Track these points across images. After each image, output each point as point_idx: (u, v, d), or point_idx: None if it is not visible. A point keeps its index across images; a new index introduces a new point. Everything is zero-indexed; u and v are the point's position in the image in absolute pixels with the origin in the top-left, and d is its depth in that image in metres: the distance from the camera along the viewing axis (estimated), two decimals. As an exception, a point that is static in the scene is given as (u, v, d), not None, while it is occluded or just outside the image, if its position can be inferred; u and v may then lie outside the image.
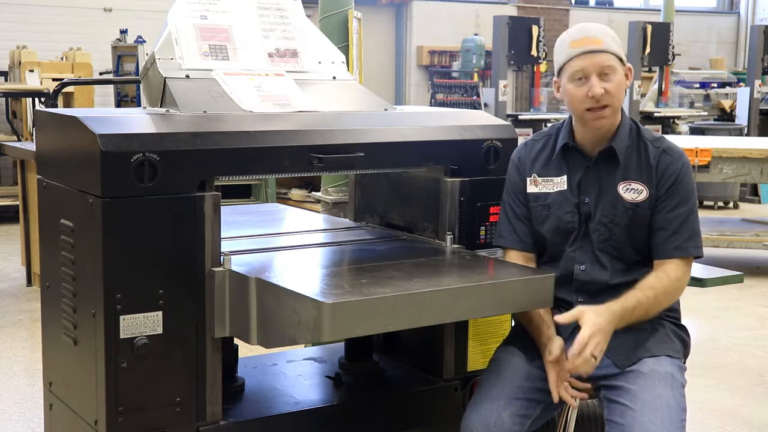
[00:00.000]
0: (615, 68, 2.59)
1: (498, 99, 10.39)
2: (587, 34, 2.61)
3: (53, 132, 2.68)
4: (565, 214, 2.69)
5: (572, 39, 2.62)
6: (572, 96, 2.62)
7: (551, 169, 2.73)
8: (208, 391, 2.47)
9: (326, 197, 4.50)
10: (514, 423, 2.55)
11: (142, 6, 12.46)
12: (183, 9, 2.85)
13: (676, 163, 2.64)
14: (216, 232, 2.43)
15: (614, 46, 2.61)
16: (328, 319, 2.14)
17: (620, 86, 2.60)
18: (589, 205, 2.67)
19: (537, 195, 2.74)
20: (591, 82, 2.57)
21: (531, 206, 2.74)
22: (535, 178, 2.74)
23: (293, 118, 2.72)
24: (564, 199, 2.69)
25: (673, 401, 2.49)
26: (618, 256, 2.66)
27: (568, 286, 2.69)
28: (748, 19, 19.25)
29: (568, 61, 2.61)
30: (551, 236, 2.72)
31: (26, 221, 6.63)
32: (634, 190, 2.64)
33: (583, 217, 2.68)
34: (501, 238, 2.80)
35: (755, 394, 4.72)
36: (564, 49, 2.63)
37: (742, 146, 7.14)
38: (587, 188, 2.68)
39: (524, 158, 2.78)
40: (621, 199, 2.64)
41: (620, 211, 2.63)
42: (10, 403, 4.40)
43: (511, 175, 2.80)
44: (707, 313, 6.23)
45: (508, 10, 15.42)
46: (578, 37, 2.61)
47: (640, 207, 2.63)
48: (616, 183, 2.65)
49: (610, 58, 2.59)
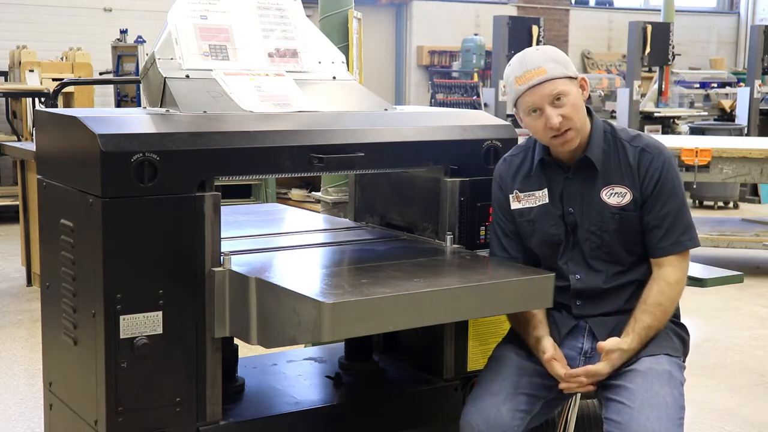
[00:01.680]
0: (566, 91, 2.55)
1: (498, 99, 10.40)
2: (527, 67, 2.55)
3: (53, 132, 2.68)
4: (550, 227, 2.68)
5: (515, 76, 2.58)
6: (533, 129, 2.61)
7: (532, 184, 2.71)
8: (208, 391, 2.47)
9: (326, 197, 4.50)
10: (514, 418, 2.55)
11: (142, 6, 12.47)
12: (183, 9, 2.85)
13: (656, 161, 2.62)
14: (216, 232, 2.43)
15: (558, 69, 2.55)
16: (328, 319, 2.14)
17: (576, 106, 2.57)
18: (574, 215, 2.65)
19: (521, 211, 2.72)
20: (546, 114, 2.55)
21: (517, 222, 2.74)
22: (517, 194, 2.73)
23: (293, 118, 2.72)
24: (547, 213, 2.68)
25: (671, 399, 2.49)
26: (612, 260, 2.66)
27: (567, 293, 2.69)
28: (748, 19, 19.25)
29: (518, 99, 2.59)
30: (540, 250, 2.72)
31: (26, 221, 6.64)
32: (618, 194, 2.62)
33: (570, 228, 2.66)
34: (493, 256, 2.79)
35: (755, 394, 4.72)
36: (511, 87, 2.60)
37: (742, 146, 7.13)
38: (569, 199, 2.66)
39: (504, 175, 2.77)
40: (606, 205, 2.62)
41: (607, 217, 2.62)
42: (10, 403, 4.40)
43: (495, 193, 2.80)
44: (707, 313, 6.23)
45: (508, 10, 15.42)
46: (520, 72, 2.57)
47: (626, 210, 2.61)
48: (599, 189, 2.63)
49: (557, 83, 2.54)
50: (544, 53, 2.59)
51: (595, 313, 2.68)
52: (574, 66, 2.64)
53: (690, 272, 3.39)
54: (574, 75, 2.59)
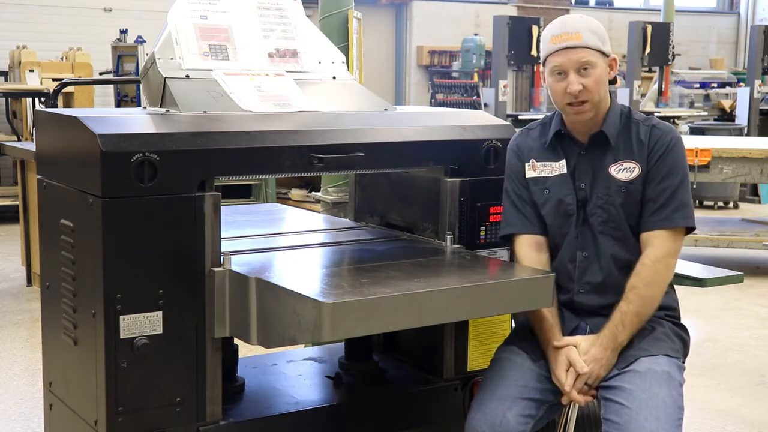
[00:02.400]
0: (594, 63, 2.60)
1: (498, 99, 10.40)
2: (566, 29, 2.62)
3: (53, 132, 2.68)
4: (566, 196, 2.71)
5: (552, 34, 2.64)
6: (553, 90, 2.66)
7: (548, 155, 2.75)
8: (208, 391, 2.47)
9: (326, 197, 4.50)
10: (519, 423, 2.55)
11: (142, 6, 12.47)
12: (183, 9, 2.85)
13: (665, 137, 2.66)
14: (216, 232, 2.43)
15: (593, 40, 2.61)
16: (328, 319, 2.14)
17: (599, 80, 2.61)
18: (585, 191, 2.69)
19: (536, 179, 2.75)
20: (569, 79, 2.60)
21: (531, 190, 2.76)
22: (534, 164, 2.76)
23: (293, 118, 2.72)
24: (564, 182, 2.72)
25: (670, 400, 2.49)
26: (619, 237, 2.66)
27: (571, 282, 2.69)
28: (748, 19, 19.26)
29: (547, 57, 2.64)
30: (552, 219, 2.73)
31: (26, 221, 6.64)
32: (627, 169, 2.65)
33: (581, 203, 2.70)
34: (509, 226, 2.78)
35: (755, 394, 4.72)
36: (545, 43, 2.66)
37: (742, 146, 7.13)
38: (582, 174, 2.70)
39: (522, 145, 2.81)
40: (614, 179, 2.66)
41: (614, 191, 2.65)
42: (10, 403, 4.40)
43: (511, 162, 2.81)
44: (707, 313, 6.24)
45: (508, 10, 15.42)
46: (558, 32, 2.63)
47: (633, 184, 2.65)
48: (608, 165, 2.67)
49: (588, 53, 2.59)
50: (586, 22, 2.64)
51: (595, 304, 2.68)
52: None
53: (690, 272, 3.41)
54: (607, 52, 2.64)
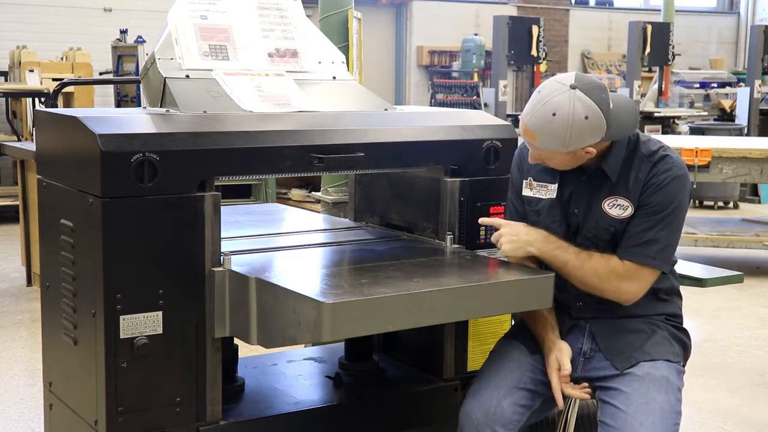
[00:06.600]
0: (551, 157, 2.55)
1: (498, 99, 10.40)
2: (527, 121, 2.51)
3: (53, 132, 2.68)
4: (552, 224, 2.67)
5: (523, 114, 2.54)
6: None
7: (546, 175, 2.70)
8: (208, 391, 2.47)
9: (326, 197, 4.50)
10: (514, 412, 2.56)
11: (142, 6, 12.47)
12: (183, 9, 2.85)
13: (661, 175, 2.55)
14: (216, 232, 2.43)
15: (548, 143, 2.48)
16: (328, 319, 2.14)
17: (565, 163, 2.56)
18: (578, 217, 2.65)
19: (530, 199, 2.73)
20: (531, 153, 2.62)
21: (525, 208, 2.75)
22: (531, 182, 2.73)
23: (293, 118, 2.72)
24: (552, 208, 2.68)
25: (667, 405, 2.49)
26: None
27: (568, 293, 2.68)
28: (748, 19, 19.25)
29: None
30: None
31: (26, 221, 6.64)
32: (620, 206, 2.58)
33: (572, 229, 2.66)
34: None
35: (755, 394, 4.72)
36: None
37: (742, 146, 7.13)
38: (578, 200, 2.65)
39: (525, 156, 2.77)
40: (605, 215, 2.60)
41: (602, 228, 2.60)
42: (10, 403, 4.40)
43: (513, 172, 2.81)
44: (707, 313, 6.24)
45: (508, 10, 15.42)
46: (523, 117, 2.53)
47: (622, 224, 2.58)
48: (603, 198, 2.61)
49: (542, 151, 2.54)
50: (548, 122, 2.45)
51: (595, 316, 2.68)
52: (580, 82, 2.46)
53: (690, 272, 3.41)
54: (569, 150, 2.50)
